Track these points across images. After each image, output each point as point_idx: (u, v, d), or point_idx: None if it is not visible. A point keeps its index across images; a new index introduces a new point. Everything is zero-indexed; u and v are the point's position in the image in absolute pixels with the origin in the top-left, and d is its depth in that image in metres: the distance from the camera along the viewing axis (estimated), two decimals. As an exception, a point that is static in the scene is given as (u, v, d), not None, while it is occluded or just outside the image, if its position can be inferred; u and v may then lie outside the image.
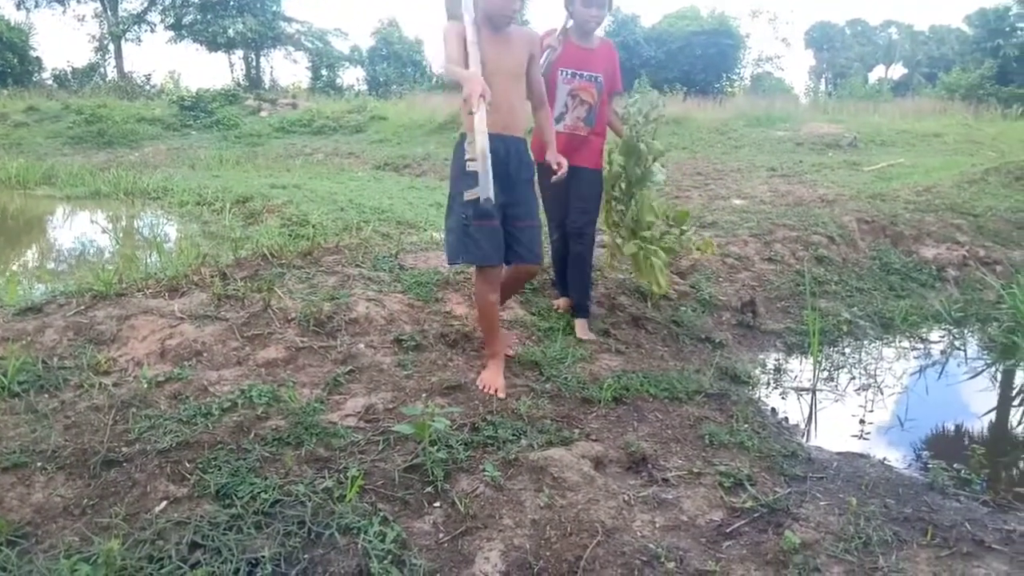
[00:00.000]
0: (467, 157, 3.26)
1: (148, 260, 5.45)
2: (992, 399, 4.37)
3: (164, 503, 2.39)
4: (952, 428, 3.92)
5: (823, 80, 47.21)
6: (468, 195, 3.23)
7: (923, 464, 3.34)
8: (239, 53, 36.65)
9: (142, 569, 2.07)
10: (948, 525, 2.58)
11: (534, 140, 3.99)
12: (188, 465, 2.59)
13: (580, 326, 4.29)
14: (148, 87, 33.69)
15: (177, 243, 6.70)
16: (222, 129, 21.50)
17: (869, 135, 15.82)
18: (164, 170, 12.45)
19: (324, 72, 37.62)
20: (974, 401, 4.27)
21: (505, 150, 3.36)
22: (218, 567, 2.10)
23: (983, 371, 4.75)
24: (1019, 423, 4.02)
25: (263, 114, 23.60)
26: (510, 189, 3.41)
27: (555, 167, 3.56)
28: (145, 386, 3.08)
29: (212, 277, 4.13)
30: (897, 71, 43.20)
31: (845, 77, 41.32)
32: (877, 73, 44.44)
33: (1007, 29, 27.88)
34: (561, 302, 4.50)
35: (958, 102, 21.67)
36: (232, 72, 37.46)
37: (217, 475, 2.52)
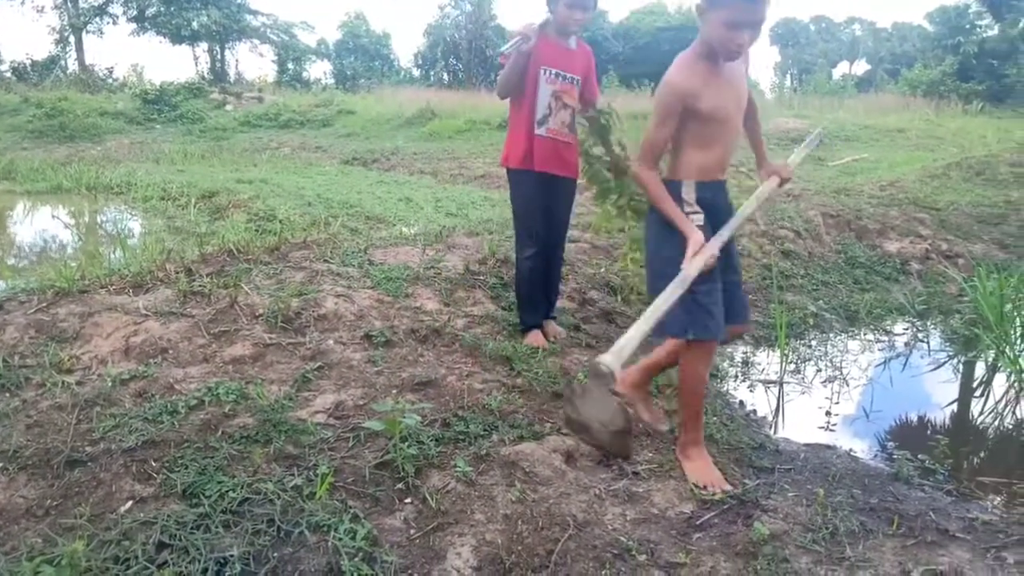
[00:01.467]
0: (688, 210, 2.78)
1: (112, 256, 5.35)
2: (954, 390, 4.45)
3: (130, 503, 2.35)
4: (916, 419, 3.99)
5: (788, 76, 47.71)
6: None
7: (888, 455, 3.39)
8: (203, 46, 36.18)
9: (108, 570, 2.03)
10: (913, 514, 2.62)
11: (506, 147, 3.91)
12: (154, 464, 2.55)
13: (552, 325, 4.20)
14: (110, 80, 33.14)
15: (141, 239, 6.59)
16: (187, 123, 21.20)
17: (833, 130, 16.01)
18: (128, 165, 12.24)
19: (290, 65, 37.28)
20: (937, 392, 4.35)
21: (712, 195, 2.85)
22: (186, 567, 2.07)
23: (945, 363, 4.83)
24: (980, 414, 4.09)
25: (228, 108, 23.31)
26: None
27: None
28: (109, 384, 3.03)
29: (177, 273, 4.07)
30: (861, 67, 43.86)
31: (810, 73, 41.83)
32: (841, 69, 45.09)
33: (967, 26, 28.39)
34: (539, 338, 4.03)
35: (920, 98, 22.04)
36: (197, 65, 36.99)
37: (184, 474, 2.48)
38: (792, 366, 4.60)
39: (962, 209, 8.10)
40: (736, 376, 4.39)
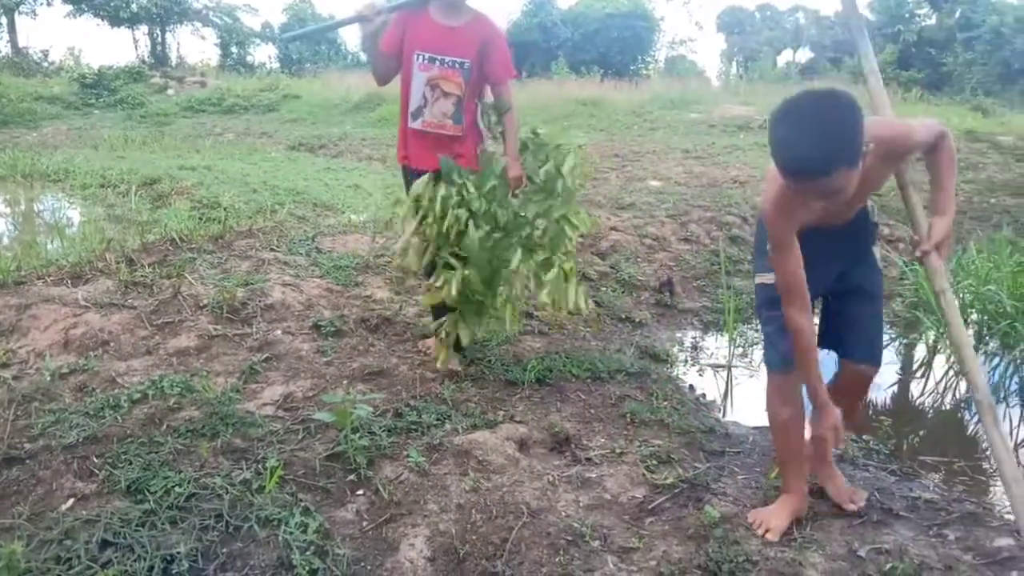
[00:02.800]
0: None
1: (49, 246, 5.18)
2: (896, 372, 4.56)
3: (71, 501, 2.29)
4: (860, 401, 4.08)
5: (734, 63, 48.28)
6: (760, 279, 2.54)
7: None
8: (143, 29, 35.12)
9: (49, 571, 1.97)
10: (858, 494, 2.68)
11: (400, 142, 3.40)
12: (96, 460, 2.48)
13: (453, 356, 3.53)
14: (46, 64, 31.97)
15: (80, 228, 6.39)
16: (127, 108, 20.58)
17: (779, 117, 16.24)
18: (65, 151, 11.84)
19: (234, 49, 36.45)
20: (880, 374, 4.44)
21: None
22: (131, 565, 2.02)
23: (888, 345, 4.95)
24: (921, 395, 4.20)
25: (170, 92, 22.70)
26: (852, 255, 2.54)
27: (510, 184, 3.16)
28: (48, 379, 2.94)
29: (118, 263, 3.96)
30: (804, 55, 44.48)
31: (755, 61, 42.37)
32: (785, 57, 45.73)
33: (906, 16, 29.08)
34: (431, 341, 3.61)
35: (862, 86, 22.48)
36: (136, 49, 35.87)
37: (128, 470, 2.42)
38: (740, 350, 4.67)
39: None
40: (686, 361, 4.44)
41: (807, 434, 2.45)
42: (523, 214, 3.32)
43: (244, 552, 2.15)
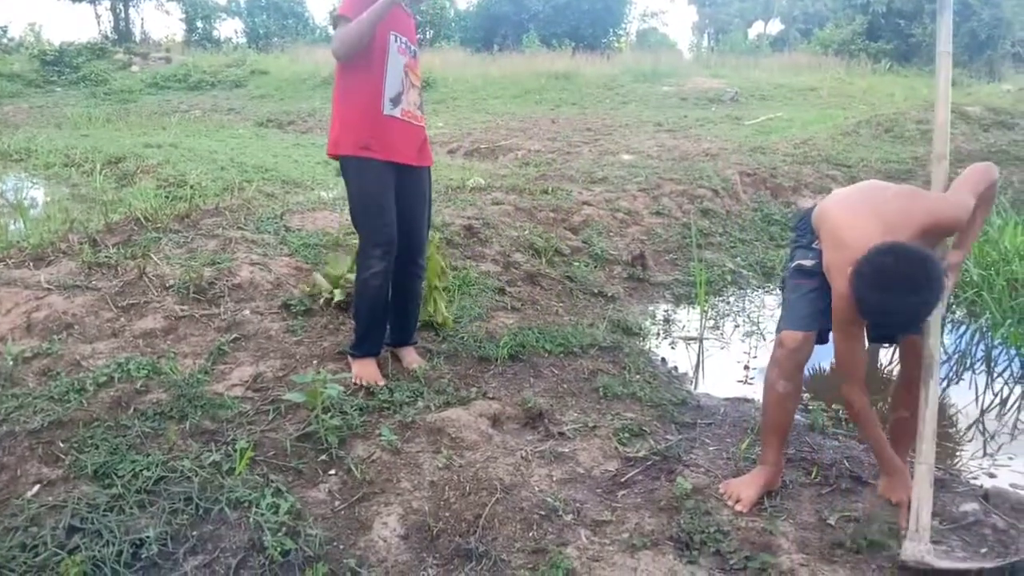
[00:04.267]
0: None
1: (11, 227, 5.06)
2: (865, 341, 4.60)
3: (37, 487, 2.25)
4: (830, 370, 4.12)
5: (705, 35, 48.22)
6: (799, 262, 2.56)
7: (804, 406, 3.49)
8: (106, 3, 34.29)
9: (15, 558, 1.94)
10: (829, 463, 2.71)
11: (337, 128, 2.98)
12: (62, 445, 2.44)
13: (412, 354, 3.34)
14: (5, 40, 31.19)
15: (43, 208, 6.26)
16: (90, 85, 20.14)
17: (749, 90, 16.29)
18: (27, 130, 11.56)
19: (199, 24, 35.70)
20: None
21: None
22: (99, 551, 1.99)
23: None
24: (889, 363, 4.25)
25: (134, 69, 22.23)
26: None
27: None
28: (10, 363, 2.87)
29: (81, 244, 3.88)
30: (775, 27, 44.51)
31: (726, 33, 42.33)
32: (756, 29, 45.72)
33: (875, -14, 29.08)
34: (371, 371, 3.09)
35: (832, 57, 22.52)
36: (99, 24, 35.04)
37: (95, 454, 2.39)
38: (711, 322, 4.70)
39: (872, 165, 8.36)
40: (658, 334, 4.46)
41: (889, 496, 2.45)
42: None
43: (215, 535, 2.13)
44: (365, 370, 3.07)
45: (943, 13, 2.38)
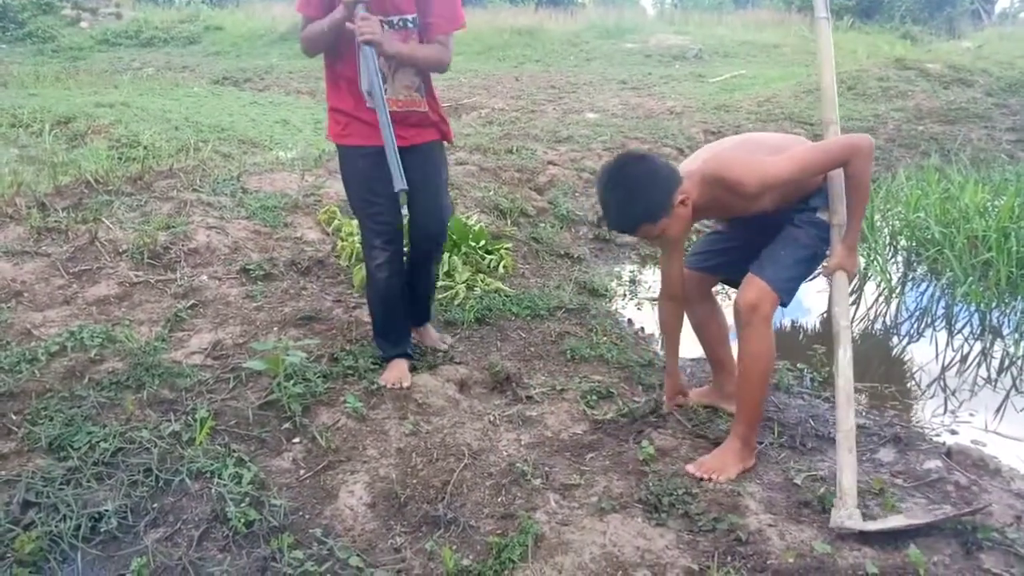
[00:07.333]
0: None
1: (-46, 191, 4.87)
2: (828, 300, 4.64)
3: (-13, 461, 2.18)
4: (794, 329, 4.16)
5: (669, -9, 47.86)
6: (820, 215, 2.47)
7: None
8: (49, -45, 33.00)
9: (-34, 536, 1.88)
10: (794, 423, 2.73)
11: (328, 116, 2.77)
12: (14, 417, 2.38)
13: (430, 332, 3.24)
14: (-58, -7, 29.90)
15: (-11, 170, 6.03)
16: (36, 42, 19.42)
17: (713, 47, 16.21)
18: (-31, 88, 11.14)
19: (150, -22, 34.55)
20: (813, 303, 4.52)
21: None
22: (56, 526, 1.94)
23: (819, 274, 5.03)
24: (853, 321, 4.29)
25: (83, 25, 21.46)
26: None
27: None
28: (-44, 333, 2.77)
29: (29, 208, 3.74)
30: (738, -17, 44.29)
31: (690, -12, 42.04)
32: (719, -15, 45.46)
33: (837, -58, 29.01)
34: (402, 373, 2.86)
35: (795, 14, 22.49)
36: (43, -23, 33.76)
37: (49, 426, 2.32)
38: (677, 282, 4.68)
39: (834, 123, 8.37)
40: (624, 295, 4.44)
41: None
42: None
43: (176, 506, 2.08)
44: (392, 372, 2.87)
45: None
